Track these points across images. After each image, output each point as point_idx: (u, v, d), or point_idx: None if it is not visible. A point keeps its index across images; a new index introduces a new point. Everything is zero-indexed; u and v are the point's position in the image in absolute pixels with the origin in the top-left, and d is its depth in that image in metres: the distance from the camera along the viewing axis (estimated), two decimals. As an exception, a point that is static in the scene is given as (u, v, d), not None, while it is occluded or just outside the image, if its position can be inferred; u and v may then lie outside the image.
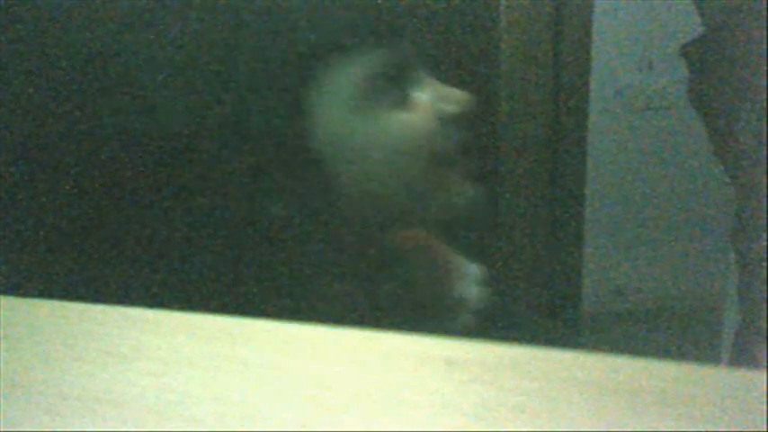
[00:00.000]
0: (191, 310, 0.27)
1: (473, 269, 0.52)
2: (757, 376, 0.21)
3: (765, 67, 0.52)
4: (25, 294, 0.29)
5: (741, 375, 0.22)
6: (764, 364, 0.59)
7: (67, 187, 0.40)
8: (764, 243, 0.42)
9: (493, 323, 0.50)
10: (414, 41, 0.45)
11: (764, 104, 0.43)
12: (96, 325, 0.26)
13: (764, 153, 0.41)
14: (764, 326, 0.61)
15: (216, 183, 0.40)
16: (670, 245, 1.42)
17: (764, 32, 0.53)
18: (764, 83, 0.52)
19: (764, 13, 0.54)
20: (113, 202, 0.40)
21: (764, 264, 0.59)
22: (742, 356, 0.68)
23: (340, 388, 0.22)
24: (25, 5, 0.40)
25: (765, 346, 0.61)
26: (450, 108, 0.46)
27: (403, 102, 0.44)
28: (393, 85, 0.43)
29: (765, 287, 0.59)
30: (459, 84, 0.49)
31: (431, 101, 0.45)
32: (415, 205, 0.45)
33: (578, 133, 1.17)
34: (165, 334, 0.25)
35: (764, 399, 0.20)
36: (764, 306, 0.60)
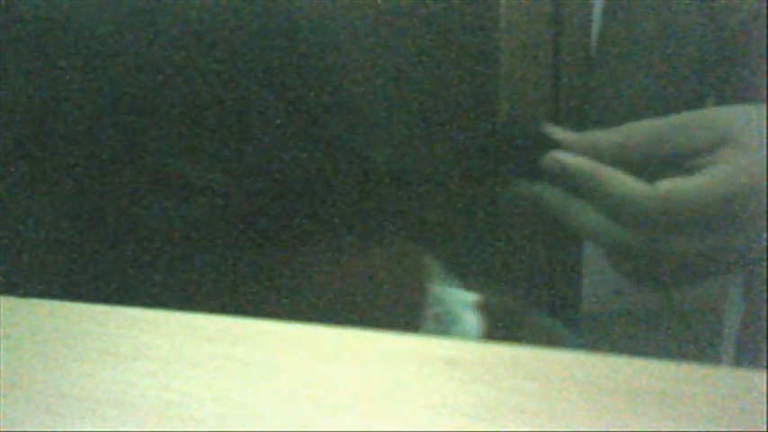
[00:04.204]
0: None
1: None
2: (757, 376, 0.21)
3: (765, 67, 0.52)
4: (25, 294, 0.29)
5: (741, 375, 0.22)
6: (764, 364, 0.59)
7: (67, 187, 0.40)
8: (765, 243, 0.42)
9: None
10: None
11: (764, 104, 0.43)
12: (96, 325, 0.26)
13: (765, 153, 0.41)
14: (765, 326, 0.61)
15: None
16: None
17: (765, 32, 0.53)
18: (764, 82, 0.52)
19: (765, 12, 0.54)
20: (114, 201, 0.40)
21: (765, 264, 0.59)
22: (742, 356, 0.68)
23: (340, 388, 0.22)
24: None
25: (765, 345, 0.61)
26: None
27: None
28: None
29: (765, 287, 0.59)
30: (459, 84, 0.48)
31: None
32: None
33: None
34: (165, 334, 0.25)
35: (764, 399, 0.20)
36: (765, 306, 0.60)
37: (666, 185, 0.40)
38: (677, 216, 0.39)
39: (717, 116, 0.42)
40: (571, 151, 0.43)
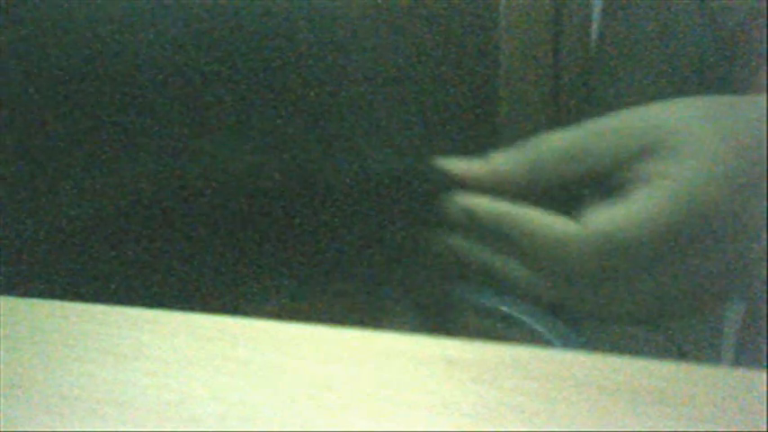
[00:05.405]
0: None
1: None
2: (757, 376, 0.21)
3: (765, 67, 0.52)
4: (25, 294, 0.29)
5: (741, 375, 0.22)
6: (764, 364, 0.59)
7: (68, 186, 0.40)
8: (764, 243, 0.41)
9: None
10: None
11: (764, 104, 0.43)
12: (96, 325, 0.26)
13: (765, 153, 0.41)
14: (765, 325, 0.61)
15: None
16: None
17: (764, 32, 0.53)
18: (765, 82, 0.52)
19: (765, 12, 0.54)
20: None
21: (764, 264, 0.59)
22: (742, 356, 0.68)
23: (340, 388, 0.22)
24: None
25: (765, 345, 0.61)
26: None
27: None
28: None
29: (765, 287, 0.59)
30: (458, 84, 0.47)
31: None
32: None
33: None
34: (165, 334, 0.25)
35: (764, 399, 0.20)
36: (765, 306, 0.60)
37: (593, 220, 0.30)
38: (612, 255, 0.30)
39: (640, 117, 0.31)
40: (478, 186, 0.34)
